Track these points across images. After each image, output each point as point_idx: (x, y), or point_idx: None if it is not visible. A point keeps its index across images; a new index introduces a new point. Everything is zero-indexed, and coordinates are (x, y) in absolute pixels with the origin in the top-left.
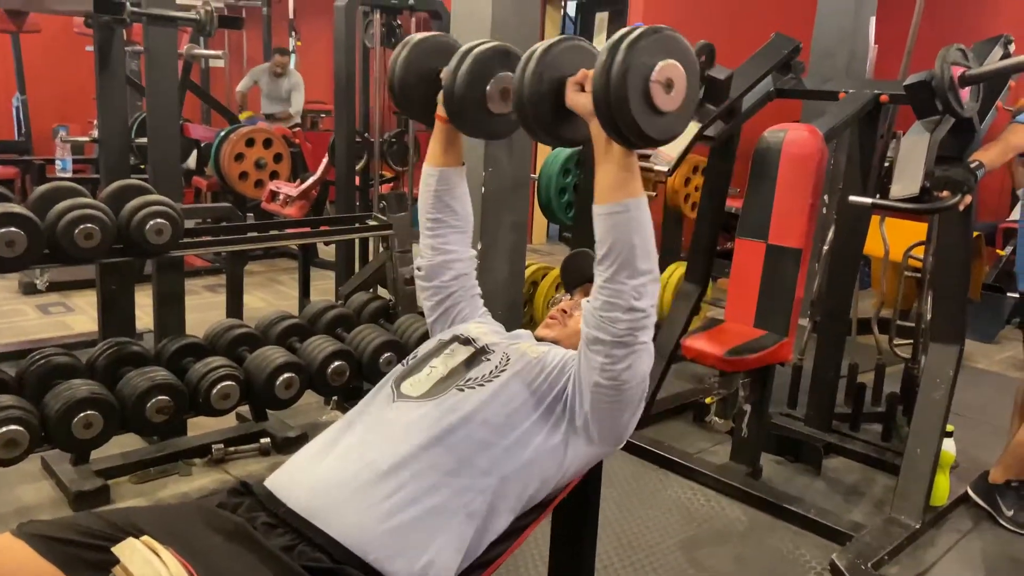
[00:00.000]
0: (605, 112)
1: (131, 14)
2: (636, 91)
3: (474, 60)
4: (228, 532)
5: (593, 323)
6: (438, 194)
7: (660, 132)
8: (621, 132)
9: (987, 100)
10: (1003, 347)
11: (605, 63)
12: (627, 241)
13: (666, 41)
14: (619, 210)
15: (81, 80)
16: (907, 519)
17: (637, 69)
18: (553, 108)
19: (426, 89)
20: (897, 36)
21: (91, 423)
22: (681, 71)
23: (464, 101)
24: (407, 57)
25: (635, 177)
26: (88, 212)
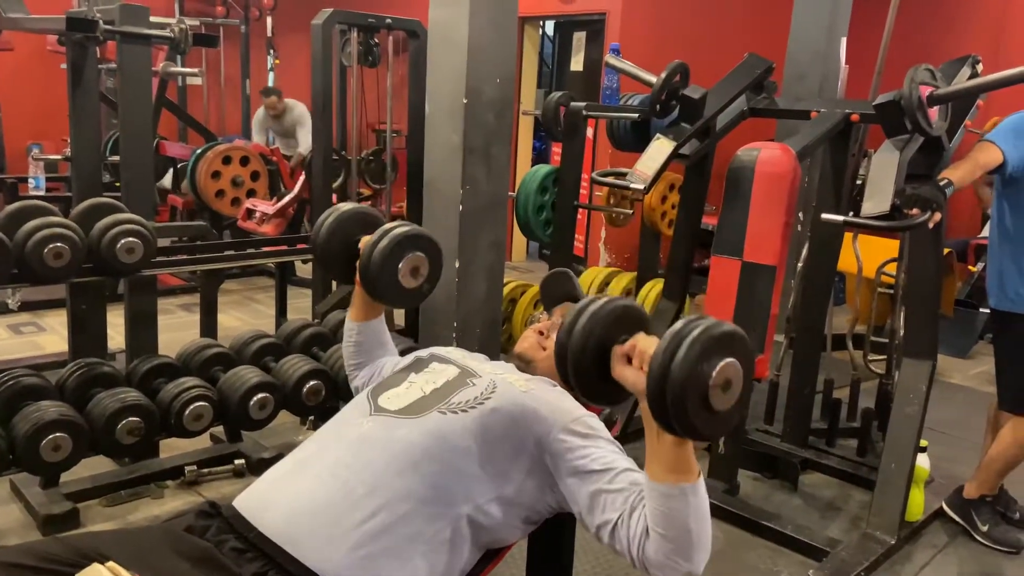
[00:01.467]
0: (661, 412)
1: (104, 32)
2: (695, 398)
3: (389, 240)
4: (195, 558)
5: (631, 553)
6: (359, 345)
7: (714, 430)
8: (673, 430)
9: (956, 119)
10: (976, 362)
11: (663, 363)
12: (684, 526)
13: (726, 339)
14: (675, 494)
15: (55, 98)
16: (883, 535)
17: (698, 377)
18: (598, 373)
19: (348, 253)
20: (868, 56)
21: (60, 445)
22: (739, 370)
23: (378, 276)
24: (331, 225)
25: (690, 457)
26: (57, 231)
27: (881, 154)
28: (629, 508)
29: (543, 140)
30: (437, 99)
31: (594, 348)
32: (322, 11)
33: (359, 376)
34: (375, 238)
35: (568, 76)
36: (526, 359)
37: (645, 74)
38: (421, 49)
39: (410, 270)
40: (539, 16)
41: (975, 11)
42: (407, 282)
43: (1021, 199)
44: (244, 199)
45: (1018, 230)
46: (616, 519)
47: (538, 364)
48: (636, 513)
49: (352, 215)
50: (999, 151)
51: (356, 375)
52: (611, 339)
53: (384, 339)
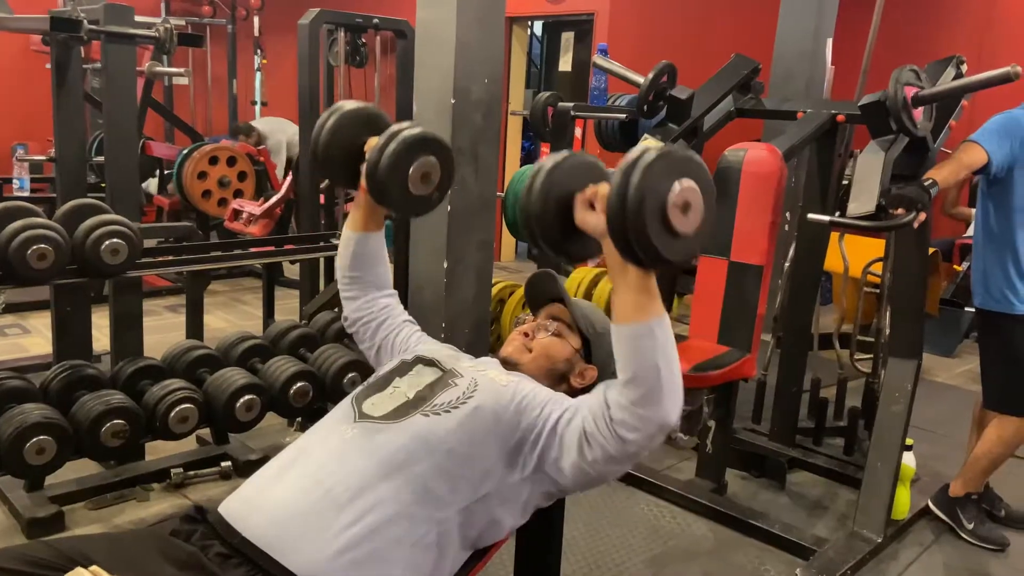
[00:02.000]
0: (621, 237)
1: (89, 32)
2: (653, 216)
3: (399, 143)
4: (181, 563)
5: (605, 433)
6: (356, 256)
7: (678, 254)
8: (638, 257)
9: (940, 119)
10: (962, 361)
11: (620, 187)
12: (652, 365)
13: (680, 162)
14: (642, 332)
15: (40, 98)
16: (869, 533)
17: (654, 194)
18: (561, 226)
19: (350, 157)
20: (853, 57)
21: (44, 448)
22: (698, 191)
23: (387, 181)
24: (334, 124)
25: (655, 296)
26: (41, 232)
27: (866, 154)
28: (587, 402)
29: (532, 140)
30: (425, 99)
31: (556, 199)
32: (309, 11)
33: (353, 301)
34: (383, 140)
35: (556, 76)
36: (512, 361)
37: (632, 75)
38: (409, 49)
39: (420, 176)
40: (527, 16)
41: (960, 12)
42: (417, 189)
43: (1005, 199)
44: (231, 200)
45: (1002, 230)
46: (582, 416)
47: (524, 367)
48: (595, 394)
49: (356, 114)
50: (983, 151)
51: (349, 295)
52: (573, 191)
53: (382, 255)
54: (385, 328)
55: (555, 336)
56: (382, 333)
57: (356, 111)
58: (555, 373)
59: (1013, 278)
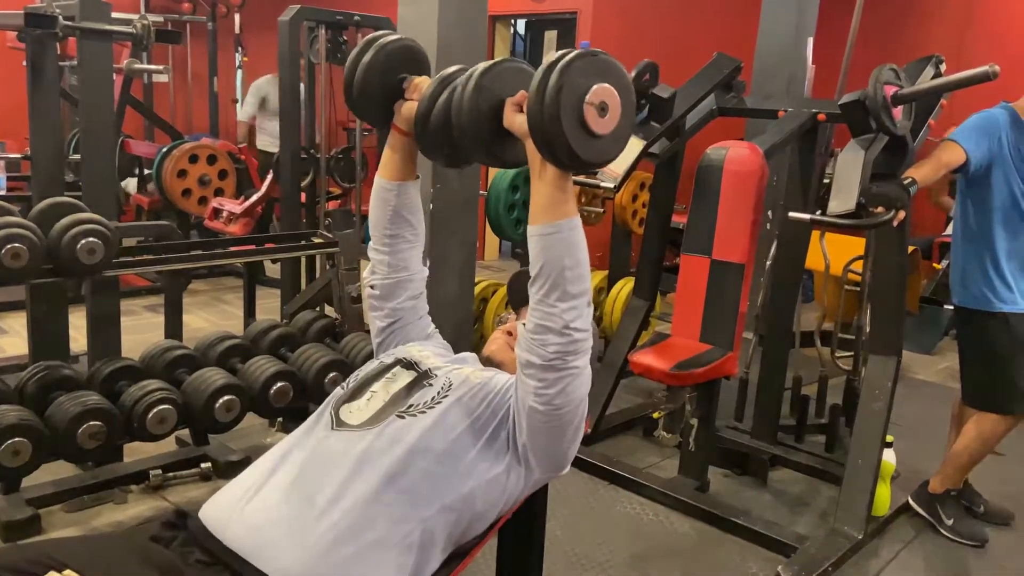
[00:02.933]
0: (539, 133)
1: (64, 28)
2: (569, 113)
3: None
4: (159, 568)
5: (525, 346)
6: (396, 209)
7: (594, 155)
8: (555, 154)
9: (919, 118)
10: (941, 358)
11: (540, 84)
12: (559, 262)
13: (601, 64)
14: (551, 231)
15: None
16: (850, 530)
17: (571, 91)
18: (491, 128)
19: (387, 95)
20: (834, 56)
21: (19, 450)
22: (615, 94)
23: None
24: (371, 60)
25: (569, 198)
26: (15, 231)
27: (847, 153)
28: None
29: None
30: None
31: (488, 104)
32: (289, 8)
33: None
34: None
35: None
36: (495, 362)
37: None
38: None
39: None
40: (510, 15)
41: (939, 12)
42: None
43: (983, 197)
44: (211, 198)
45: (981, 228)
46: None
47: (507, 366)
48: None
49: (396, 48)
50: (962, 150)
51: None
52: (504, 95)
53: (420, 209)
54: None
55: None
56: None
57: (394, 45)
58: None
59: (991, 275)
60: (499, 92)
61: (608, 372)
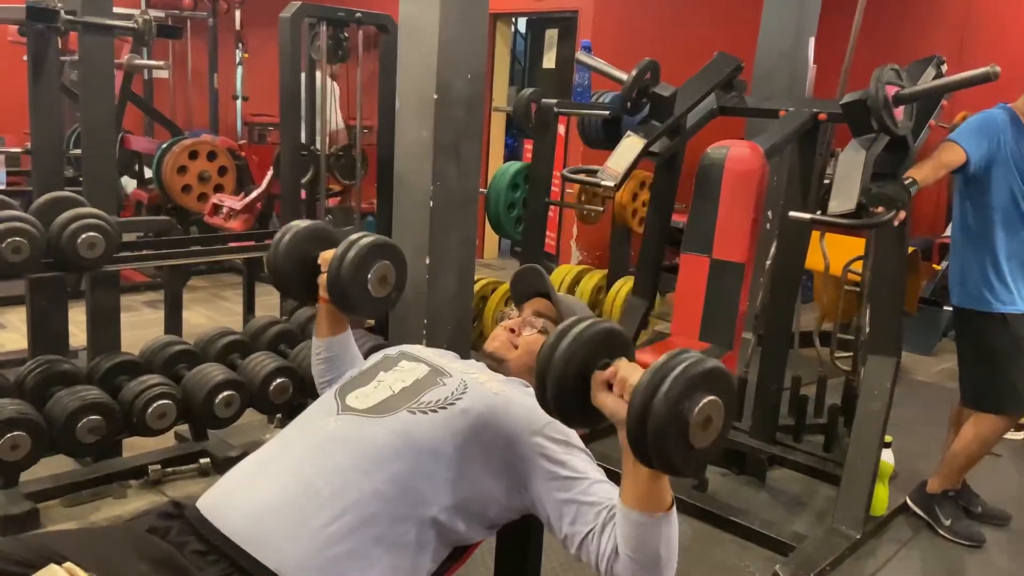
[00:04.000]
0: (640, 445)
1: (66, 23)
2: (676, 434)
3: (357, 251)
4: (156, 560)
5: (598, 567)
6: (328, 361)
7: (692, 466)
8: (651, 463)
9: (921, 119)
10: (940, 359)
11: (646, 393)
12: (654, 552)
13: (710, 376)
14: (649, 522)
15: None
16: (848, 529)
17: (679, 412)
18: (578, 399)
19: (306, 271)
20: (835, 56)
21: (18, 444)
22: (720, 408)
23: (348, 287)
24: (288, 243)
25: (664, 490)
26: (15, 225)
27: (847, 153)
28: (600, 524)
29: (515, 137)
30: (407, 94)
31: (575, 372)
32: (290, 4)
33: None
34: (341, 251)
35: (540, 73)
36: (498, 358)
37: (616, 71)
38: (391, 44)
39: (379, 279)
40: (511, 13)
41: (940, 12)
42: (376, 291)
43: (983, 198)
44: (211, 194)
45: (980, 228)
46: (587, 532)
47: (510, 363)
48: (607, 530)
49: (307, 233)
50: (962, 151)
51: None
52: (592, 363)
53: (353, 351)
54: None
55: (541, 333)
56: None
57: (307, 229)
58: None
59: (990, 276)
60: (587, 360)
61: None
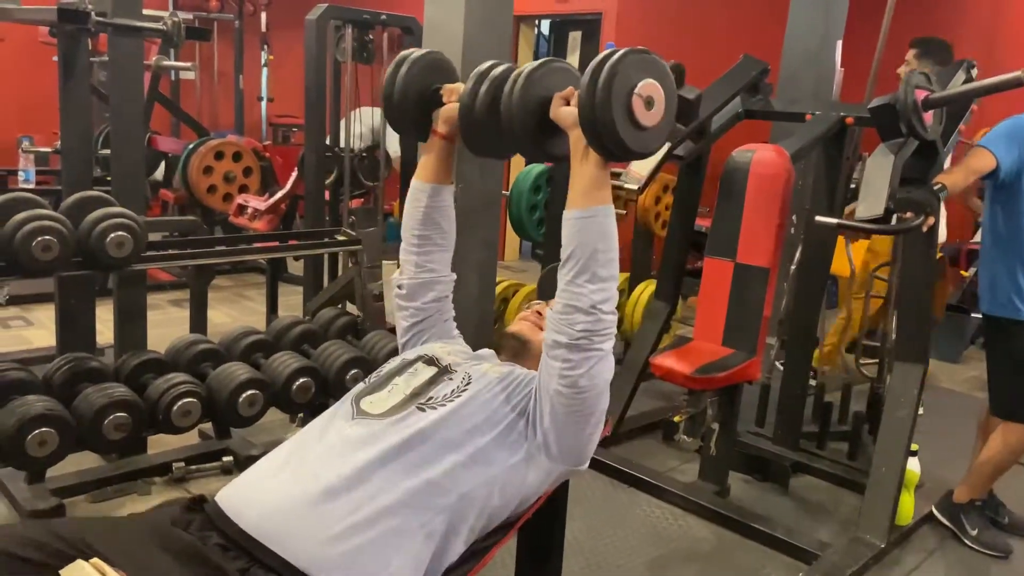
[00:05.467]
0: (589, 121)
1: (96, 24)
2: (620, 104)
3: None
4: (180, 552)
5: (553, 326)
6: (428, 211)
7: (639, 145)
8: (602, 141)
9: (950, 124)
10: (967, 367)
11: (592, 74)
12: (591, 245)
13: (649, 62)
14: (587, 215)
15: (47, 90)
16: (873, 538)
17: (622, 83)
18: (538, 120)
19: (423, 104)
20: (863, 60)
21: (46, 440)
22: (661, 91)
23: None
24: (407, 73)
25: (606, 187)
26: (46, 224)
27: (875, 157)
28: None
29: None
30: None
31: (535, 98)
32: (317, 6)
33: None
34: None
35: None
36: (521, 339)
37: None
38: (416, 46)
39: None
40: (534, 15)
41: (968, 17)
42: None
43: (1013, 204)
44: (236, 195)
45: (1010, 235)
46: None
47: (533, 345)
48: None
49: (427, 61)
50: (992, 156)
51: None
52: (552, 91)
53: (452, 213)
54: (430, 321)
55: None
56: (425, 324)
57: (426, 58)
58: None
59: (1021, 283)
60: (547, 87)
61: (629, 375)
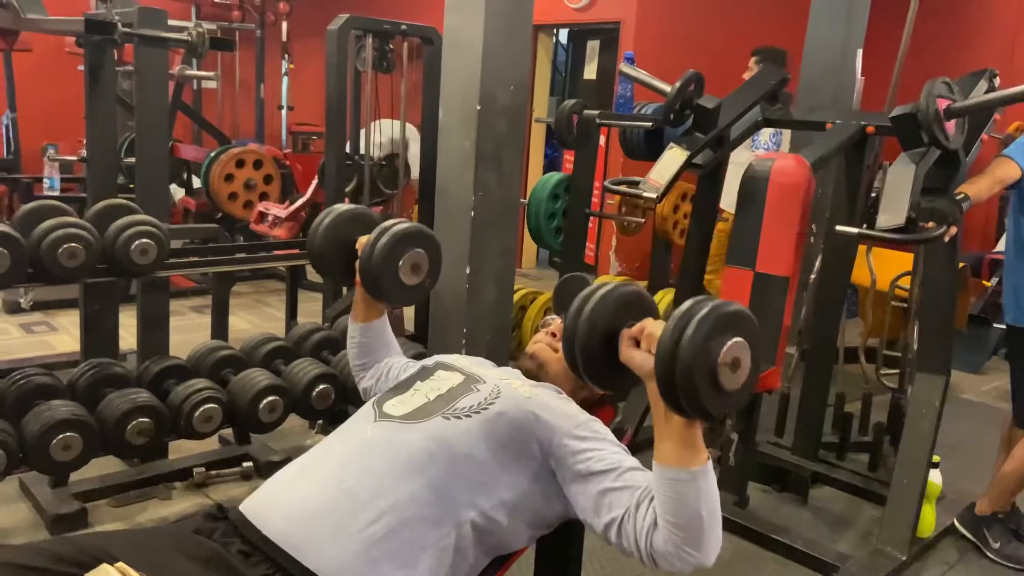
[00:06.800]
0: (670, 391)
1: (122, 35)
2: (703, 374)
3: (390, 238)
4: (204, 559)
5: (640, 548)
6: (363, 346)
7: (722, 409)
8: (683, 409)
9: (972, 133)
10: (990, 378)
11: (671, 340)
12: (695, 511)
13: (734, 318)
14: (686, 478)
15: (72, 99)
16: (893, 550)
17: (706, 353)
18: (606, 358)
19: (345, 254)
20: (884, 69)
21: (70, 445)
22: (747, 349)
23: (379, 274)
24: (329, 224)
25: (699, 443)
26: (72, 231)
27: (897, 167)
28: (635, 502)
29: (555, 148)
30: (450, 105)
31: (602, 331)
32: (338, 17)
33: (365, 377)
34: (374, 237)
35: (581, 84)
36: (538, 360)
37: (659, 83)
38: (436, 55)
39: (411, 267)
40: (553, 24)
41: (990, 25)
42: (408, 279)
43: None
44: (257, 202)
45: None
46: (623, 514)
47: (550, 366)
48: (643, 506)
49: (349, 216)
50: (1017, 166)
51: (362, 376)
52: (619, 323)
53: (388, 339)
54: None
55: None
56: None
57: (347, 212)
58: None
59: None
60: (614, 321)
61: None
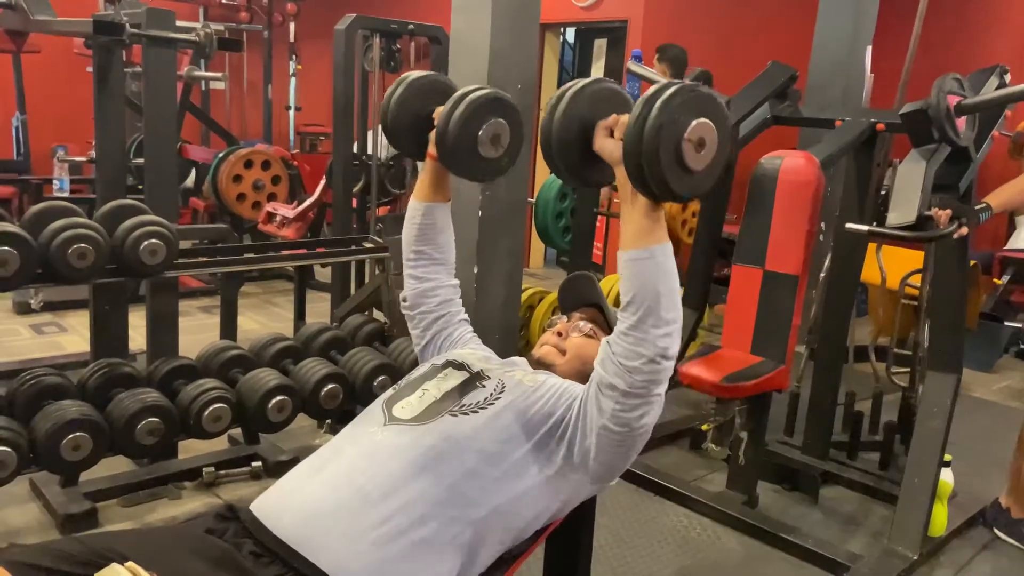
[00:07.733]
0: (635, 166)
1: (131, 36)
2: (668, 148)
3: (468, 105)
4: (215, 559)
5: (612, 370)
6: (422, 228)
7: (688, 189)
8: (649, 187)
9: (983, 129)
10: (1001, 376)
11: (639, 116)
12: (652, 288)
13: (702, 100)
14: (644, 256)
15: (81, 100)
16: (905, 550)
17: (671, 126)
18: (580, 150)
19: (418, 126)
20: (893, 65)
21: (80, 445)
22: (714, 131)
23: (456, 144)
24: (402, 95)
25: (660, 225)
26: (82, 232)
27: (907, 164)
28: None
29: None
30: None
31: (578, 123)
32: (345, 17)
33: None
34: (452, 104)
35: None
36: (545, 363)
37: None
38: (443, 55)
39: (491, 138)
40: (560, 23)
41: (1001, 21)
42: (487, 151)
43: None
44: (265, 202)
45: None
46: (594, 376)
47: (557, 368)
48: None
49: (425, 83)
50: None
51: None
52: (595, 116)
53: (448, 229)
54: (441, 323)
55: (588, 337)
56: (436, 327)
57: (423, 80)
58: (588, 375)
59: None
60: (590, 114)
61: None
